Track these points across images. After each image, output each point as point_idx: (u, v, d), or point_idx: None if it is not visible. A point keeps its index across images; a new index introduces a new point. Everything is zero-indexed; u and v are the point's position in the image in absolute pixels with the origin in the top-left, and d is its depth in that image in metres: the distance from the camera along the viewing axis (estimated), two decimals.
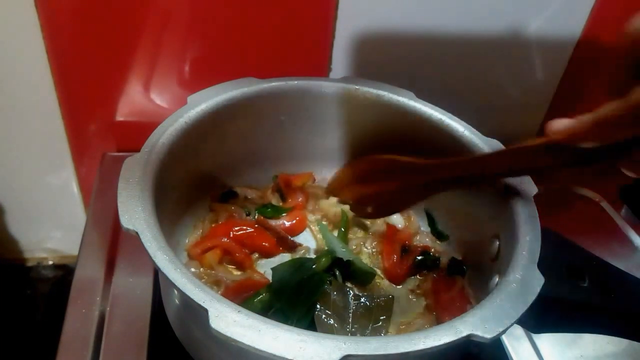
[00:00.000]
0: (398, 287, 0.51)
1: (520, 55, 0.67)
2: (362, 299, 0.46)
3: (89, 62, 0.60)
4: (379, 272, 0.52)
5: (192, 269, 0.48)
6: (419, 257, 0.52)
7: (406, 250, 0.53)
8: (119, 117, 0.65)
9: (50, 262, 0.78)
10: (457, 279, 0.50)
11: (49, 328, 0.48)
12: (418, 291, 0.51)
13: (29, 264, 0.77)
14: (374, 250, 0.54)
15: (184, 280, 0.34)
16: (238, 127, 0.52)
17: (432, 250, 0.54)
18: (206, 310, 0.32)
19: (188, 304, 0.33)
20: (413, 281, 0.52)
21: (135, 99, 0.63)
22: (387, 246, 0.53)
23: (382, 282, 0.52)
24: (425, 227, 0.57)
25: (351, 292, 0.46)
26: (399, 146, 0.55)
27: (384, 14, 0.61)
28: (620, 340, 0.50)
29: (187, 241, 0.52)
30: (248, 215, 0.55)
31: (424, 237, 0.55)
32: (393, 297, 0.47)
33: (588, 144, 0.34)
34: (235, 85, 0.51)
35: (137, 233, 0.37)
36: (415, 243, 0.55)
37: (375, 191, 0.49)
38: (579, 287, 0.40)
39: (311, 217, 0.57)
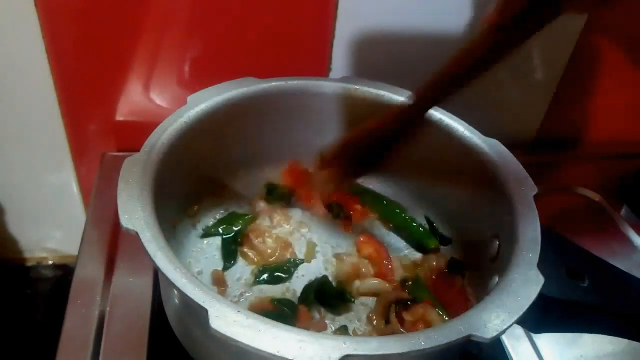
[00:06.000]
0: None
1: (520, 55, 0.67)
2: None
3: (89, 62, 0.60)
4: None
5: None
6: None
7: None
8: (119, 117, 0.65)
9: (50, 262, 0.77)
10: (457, 279, 0.50)
11: (49, 328, 0.48)
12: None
13: (29, 264, 0.77)
14: None
15: (184, 281, 0.34)
16: (238, 127, 0.52)
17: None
18: (206, 310, 0.32)
19: (188, 304, 0.33)
20: None
21: (135, 99, 0.63)
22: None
23: None
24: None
25: None
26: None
27: (384, 14, 0.61)
28: (620, 340, 0.49)
29: None
30: None
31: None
32: None
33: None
34: (235, 85, 0.51)
35: (137, 233, 0.37)
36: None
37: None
38: (579, 287, 0.39)
39: None
